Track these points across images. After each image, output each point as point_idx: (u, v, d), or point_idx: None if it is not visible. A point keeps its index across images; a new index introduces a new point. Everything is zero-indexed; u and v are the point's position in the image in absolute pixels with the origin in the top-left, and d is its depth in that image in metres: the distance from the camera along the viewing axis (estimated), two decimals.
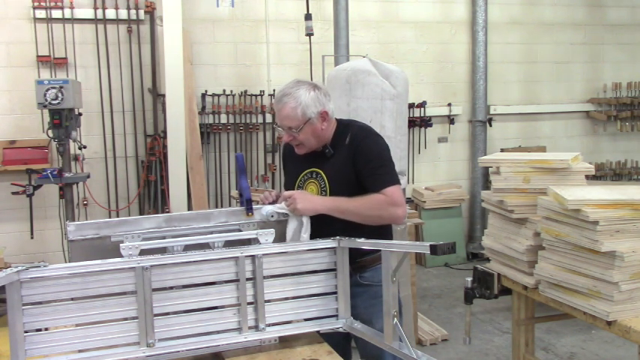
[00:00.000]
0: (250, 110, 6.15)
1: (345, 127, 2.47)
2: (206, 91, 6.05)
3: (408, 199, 5.56)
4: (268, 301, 2.11)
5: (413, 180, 6.81)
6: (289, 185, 2.57)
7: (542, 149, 7.07)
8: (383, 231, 2.43)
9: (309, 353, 2.06)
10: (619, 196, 2.63)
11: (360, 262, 2.39)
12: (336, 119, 2.50)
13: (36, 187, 4.95)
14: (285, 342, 2.12)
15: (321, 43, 6.03)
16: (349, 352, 2.57)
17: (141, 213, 5.89)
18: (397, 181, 2.38)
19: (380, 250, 2.05)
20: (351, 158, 2.37)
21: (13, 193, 5.05)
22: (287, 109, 2.33)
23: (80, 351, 1.93)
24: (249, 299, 2.09)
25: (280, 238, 2.24)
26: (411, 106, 6.50)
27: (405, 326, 2.80)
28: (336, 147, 2.43)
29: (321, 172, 2.44)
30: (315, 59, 5.86)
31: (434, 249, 1.78)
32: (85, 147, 5.21)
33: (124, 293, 1.96)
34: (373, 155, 2.37)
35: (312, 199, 2.31)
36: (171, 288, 2.02)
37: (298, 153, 2.46)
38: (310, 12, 5.63)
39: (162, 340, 1.99)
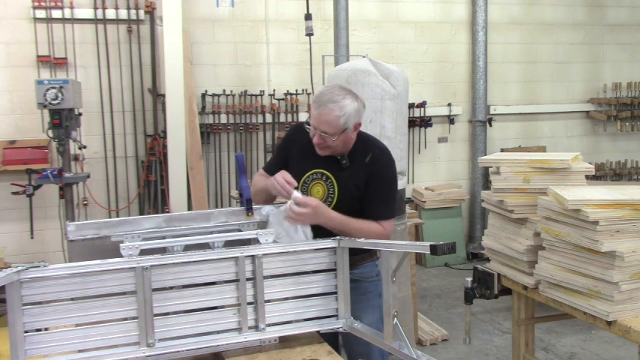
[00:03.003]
0: (250, 110, 6.15)
1: (364, 141, 2.50)
2: (206, 91, 6.05)
3: (408, 199, 5.55)
4: (268, 301, 2.11)
5: (413, 180, 6.81)
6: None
7: (542, 149, 7.07)
8: None
9: (309, 353, 2.06)
10: (619, 196, 2.63)
11: (350, 260, 2.39)
12: None
13: (36, 187, 4.95)
14: (285, 342, 2.12)
15: (321, 43, 6.04)
16: (338, 350, 2.57)
17: (141, 213, 5.89)
18: (395, 214, 2.49)
19: (370, 249, 2.04)
20: (366, 179, 2.42)
21: (13, 193, 5.05)
22: (331, 116, 2.32)
23: (80, 351, 1.93)
24: (249, 299, 2.09)
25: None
26: (411, 106, 6.50)
27: (405, 326, 2.80)
28: (353, 160, 2.45)
29: (332, 177, 2.45)
30: (315, 59, 5.86)
31: (434, 249, 1.78)
32: (85, 147, 5.20)
33: (124, 293, 1.96)
34: (386, 184, 2.45)
35: (319, 217, 2.30)
36: (171, 288, 2.02)
37: (321, 154, 2.46)
38: (310, 12, 5.63)
39: (162, 340, 1.99)
